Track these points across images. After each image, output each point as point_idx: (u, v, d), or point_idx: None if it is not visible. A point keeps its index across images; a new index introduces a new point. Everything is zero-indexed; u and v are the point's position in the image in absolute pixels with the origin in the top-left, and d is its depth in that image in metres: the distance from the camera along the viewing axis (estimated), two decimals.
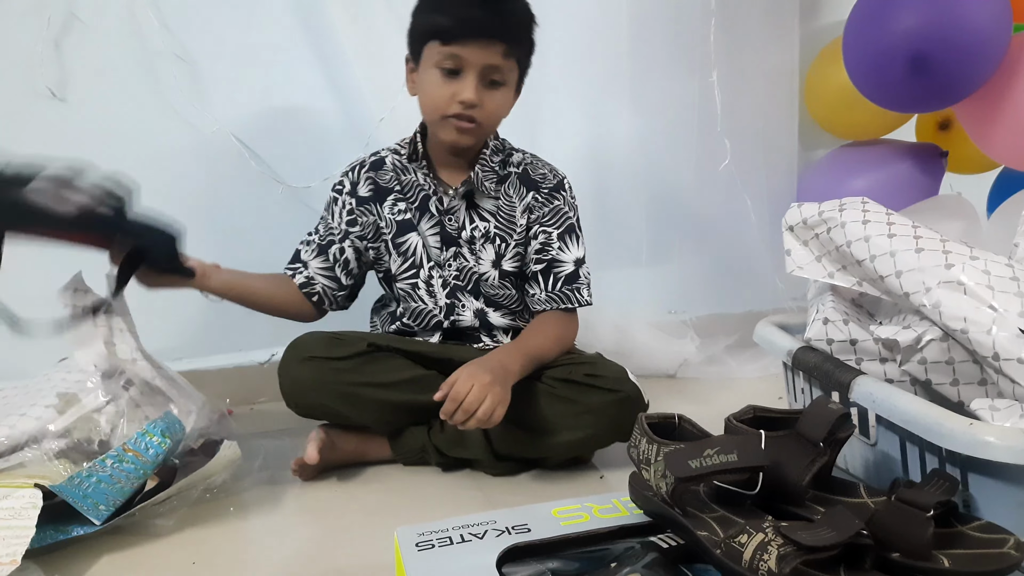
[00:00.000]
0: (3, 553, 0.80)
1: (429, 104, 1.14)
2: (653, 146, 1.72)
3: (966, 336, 0.76)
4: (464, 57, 1.08)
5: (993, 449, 0.66)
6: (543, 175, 1.23)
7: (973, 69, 1.25)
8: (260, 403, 1.54)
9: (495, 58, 1.09)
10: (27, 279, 1.47)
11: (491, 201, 1.20)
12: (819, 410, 0.75)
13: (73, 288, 1.09)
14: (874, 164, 1.60)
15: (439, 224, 1.19)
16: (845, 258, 0.90)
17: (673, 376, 1.62)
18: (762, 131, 1.74)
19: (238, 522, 1.01)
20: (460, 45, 1.07)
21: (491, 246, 1.20)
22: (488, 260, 1.20)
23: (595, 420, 1.07)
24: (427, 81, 1.12)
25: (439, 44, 1.08)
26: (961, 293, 0.78)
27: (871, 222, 0.88)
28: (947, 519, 0.69)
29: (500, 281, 1.21)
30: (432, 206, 1.19)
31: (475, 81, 1.09)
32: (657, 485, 0.76)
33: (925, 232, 0.85)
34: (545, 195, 1.21)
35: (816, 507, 0.75)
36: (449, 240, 1.20)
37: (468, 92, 1.08)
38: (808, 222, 0.94)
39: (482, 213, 1.20)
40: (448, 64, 1.09)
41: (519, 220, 1.20)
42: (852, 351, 0.88)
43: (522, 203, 1.20)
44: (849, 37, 1.38)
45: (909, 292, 0.81)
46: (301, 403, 1.13)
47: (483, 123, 1.13)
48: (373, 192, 1.21)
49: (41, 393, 1.11)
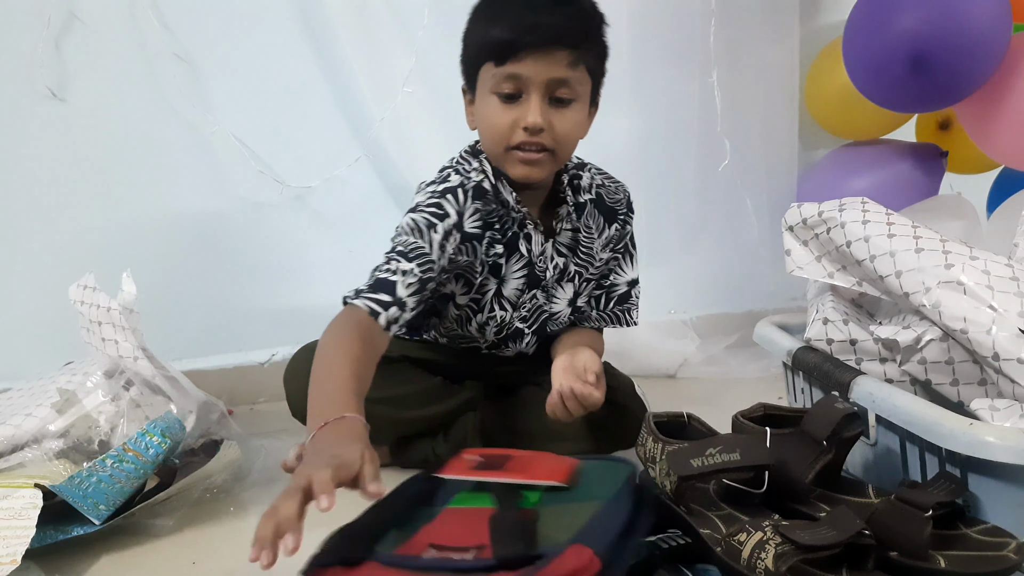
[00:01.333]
0: (3, 553, 0.80)
1: (489, 137, 0.98)
2: (653, 146, 1.72)
3: (966, 336, 0.76)
4: (523, 75, 0.92)
5: (993, 449, 0.66)
6: (618, 200, 1.11)
7: (973, 69, 1.25)
8: (260, 403, 1.54)
9: (559, 70, 0.92)
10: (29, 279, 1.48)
11: (569, 234, 1.08)
12: (824, 409, 0.75)
13: (83, 287, 1.09)
14: (874, 164, 1.60)
15: (528, 266, 1.05)
16: (845, 258, 0.90)
17: (673, 376, 1.62)
18: (762, 131, 1.74)
19: (238, 522, 1.00)
20: (516, 62, 0.91)
21: (570, 285, 1.09)
22: (564, 300, 1.09)
23: (596, 431, 1.06)
24: (484, 111, 0.96)
25: (493, 66, 0.93)
26: (961, 293, 0.78)
27: (871, 222, 0.88)
28: (952, 521, 0.69)
29: (568, 317, 1.12)
30: (522, 246, 1.04)
31: (539, 102, 0.93)
32: (662, 483, 0.76)
33: (925, 232, 0.85)
34: (621, 222, 1.12)
35: (822, 506, 0.75)
36: (534, 282, 1.06)
37: (532, 115, 0.92)
38: (808, 222, 0.94)
39: (559, 248, 1.07)
40: (506, 88, 0.93)
41: (598, 255, 1.09)
42: (852, 351, 0.88)
43: (602, 237, 1.10)
44: (849, 37, 1.38)
45: (909, 292, 0.81)
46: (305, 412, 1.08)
47: (555, 150, 0.96)
48: (479, 229, 1.00)
49: (46, 394, 1.11)
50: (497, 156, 0.99)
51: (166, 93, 1.50)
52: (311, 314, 1.21)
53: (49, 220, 1.49)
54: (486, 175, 1.01)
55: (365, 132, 1.55)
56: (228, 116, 1.53)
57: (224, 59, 1.52)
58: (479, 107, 0.98)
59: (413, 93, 1.50)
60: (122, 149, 1.50)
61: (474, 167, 1.02)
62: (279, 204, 1.57)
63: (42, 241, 1.49)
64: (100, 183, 1.50)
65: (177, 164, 1.53)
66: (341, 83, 1.57)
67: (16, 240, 1.48)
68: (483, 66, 0.95)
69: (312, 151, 1.58)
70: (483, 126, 0.99)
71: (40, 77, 1.43)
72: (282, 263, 1.59)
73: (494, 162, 1.01)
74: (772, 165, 1.76)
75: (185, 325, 1.55)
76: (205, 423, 1.14)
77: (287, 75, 1.55)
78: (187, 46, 1.50)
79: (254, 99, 1.55)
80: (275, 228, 1.59)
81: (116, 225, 1.51)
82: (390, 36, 1.52)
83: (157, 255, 1.53)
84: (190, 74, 1.51)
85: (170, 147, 1.52)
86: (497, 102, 0.94)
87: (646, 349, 1.61)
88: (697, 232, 1.78)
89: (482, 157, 1.03)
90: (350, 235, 1.63)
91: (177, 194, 1.54)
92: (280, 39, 1.54)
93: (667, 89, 1.70)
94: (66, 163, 1.48)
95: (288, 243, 1.60)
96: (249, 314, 1.59)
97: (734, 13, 1.65)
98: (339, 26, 1.52)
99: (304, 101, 1.57)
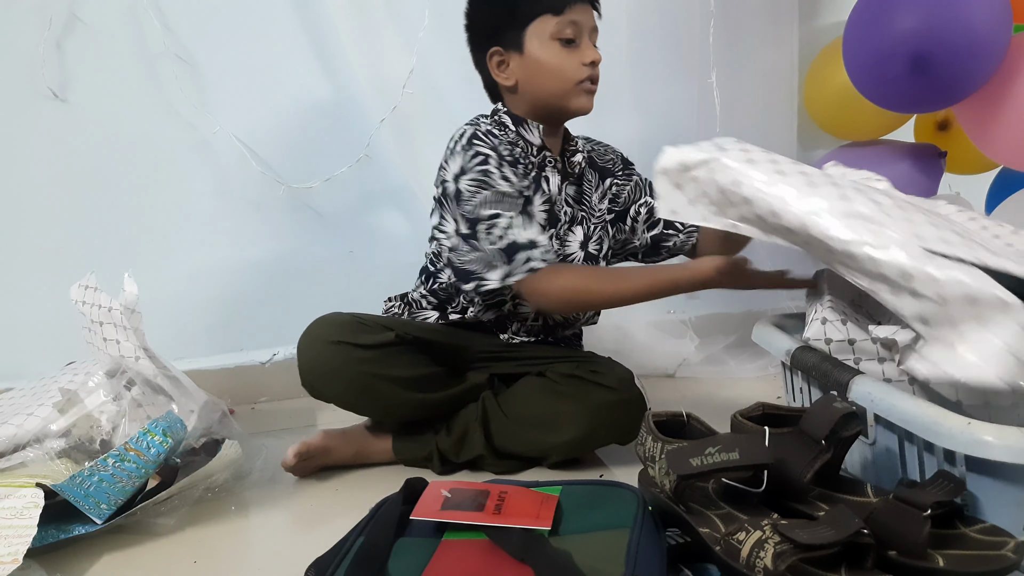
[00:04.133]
0: (5, 552, 0.80)
1: (555, 77, 1.12)
2: (653, 146, 1.72)
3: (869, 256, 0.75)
4: (579, 21, 1.11)
5: (991, 448, 0.66)
6: (610, 159, 1.28)
7: (973, 69, 1.25)
8: (261, 402, 1.54)
9: (594, 19, 1.14)
10: (29, 279, 1.48)
11: (575, 187, 1.22)
12: (823, 408, 0.75)
13: (84, 287, 1.09)
14: (873, 164, 1.60)
15: (549, 203, 1.17)
16: (728, 197, 0.87)
17: (672, 376, 1.62)
18: (761, 132, 1.74)
19: (239, 521, 1.01)
20: (571, 11, 1.10)
21: (580, 228, 1.20)
22: (576, 242, 1.19)
23: (595, 418, 1.08)
24: (547, 56, 1.11)
25: (552, 16, 1.10)
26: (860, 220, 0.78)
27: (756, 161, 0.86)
28: (950, 520, 0.69)
29: (583, 263, 1.20)
30: (543, 184, 1.17)
31: (589, 43, 1.13)
32: (661, 482, 0.76)
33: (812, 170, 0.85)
34: (622, 177, 1.26)
35: (820, 505, 0.75)
36: (553, 220, 1.17)
37: (594, 53, 1.12)
38: (686, 163, 0.90)
39: (568, 199, 1.20)
40: (568, 32, 1.10)
41: (598, 205, 1.24)
42: (850, 351, 0.88)
43: (598, 190, 1.24)
44: (849, 37, 1.38)
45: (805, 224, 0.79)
46: (317, 386, 1.10)
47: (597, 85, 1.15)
48: (512, 159, 1.13)
49: (48, 394, 1.12)
50: (565, 93, 1.12)
51: (167, 93, 1.50)
52: (312, 314, 1.21)
53: (50, 220, 1.49)
54: (505, 124, 1.15)
55: (366, 132, 1.55)
56: (229, 116, 1.53)
57: (225, 60, 1.52)
58: (534, 56, 1.11)
59: (413, 93, 1.51)
60: (123, 149, 1.50)
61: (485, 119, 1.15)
62: (280, 204, 1.58)
63: (43, 241, 1.49)
64: (101, 183, 1.50)
65: (178, 164, 1.53)
66: (342, 84, 1.57)
67: (17, 240, 1.48)
68: (537, 19, 1.10)
69: (313, 151, 1.58)
70: (546, 70, 1.11)
71: (42, 77, 1.44)
72: (282, 263, 1.59)
73: (555, 102, 1.13)
74: None
75: (186, 325, 1.56)
76: (207, 422, 1.15)
77: (288, 76, 1.56)
78: (188, 47, 1.51)
79: (255, 100, 1.55)
80: (276, 228, 1.60)
81: (117, 225, 1.52)
82: (390, 36, 1.52)
83: (157, 255, 1.54)
84: (191, 74, 1.52)
85: (171, 147, 1.52)
86: (558, 47, 1.10)
87: (645, 349, 1.61)
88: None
89: (500, 112, 1.17)
90: (350, 235, 1.63)
91: (178, 194, 1.54)
92: (281, 40, 1.54)
93: (667, 89, 1.70)
94: (67, 163, 1.48)
95: (288, 243, 1.60)
96: (250, 314, 1.59)
97: (733, 14, 1.65)
98: (340, 26, 1.52)
99: (305, 102, 1.58)
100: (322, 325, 1.10)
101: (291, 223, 1.59)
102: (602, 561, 0.61)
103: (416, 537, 0.69)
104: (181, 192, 1.54)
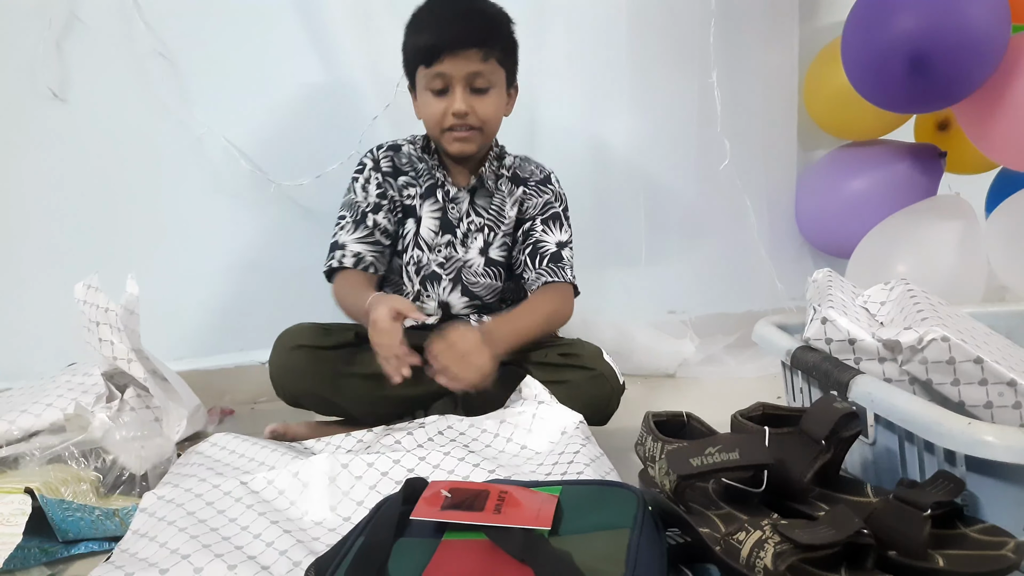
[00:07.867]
0: None
1: (429, 123, 1.21)
2: (653, 146, 1.72)
3: None
4: (447, 73, 1.14)
5: (992, 448, 0.66)
6: (531, 171, 1.31)
7: (972, 69, 1.26)
8: (261, 402, 1.54)
9: (474, 65, 1.14)
10: (29, 279, 1.48)
11: (486, 199, 1.27)
12: (823, 408, 0.75)
13: (87, 287, 1.09)
14: (873, 164, 1.61)
15: (442, 210, 1.25)
16: None
17: (672, 375, 1.62)
18: (761, 131, 1.75)
19: None
20: (440, 63, 1.14)
21: (480, 235, 1.26)
22: (476, 248, 1.25)
23: (568, 397, 1.09)
24: (423, 103, 1.20)
25: (424, 68, 1.16)
26: None
27: None
28: (951, 520, 0.69)
29: (484, 268, 1.25)
30: (438, 193, 1.25)
31: (462, 92, 1.15)
32: (661, 482, 0.76)
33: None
34: (534, 188, 1.29)
35: (821, 505, 0.75)
36: (447, 227, 1.25)
37: (457, 104, 1.16)
38: None
39: (478, 210, 1.27)
40: (437, 84, 1.16)
41: (508, 212, 1.27)
42: (851, 350, 0.88)
43: (512, 197, 1.28)
44: (848, 38, 1.38)
45: None
46: (289, 390, 1.15)
47: (481, 127, 1.19)
48: (392, 169, 1.27)
49: (45, 393, 1.11)
50: (437, 138, 1.22)
51: (166, 93, 1.50)
52: (311, 314, 1.21)
53: (50, 220, 1.49)
54: (413, 143, 1.28)
55: (358, 130, 1.55)
56: (227, 116, 1.53)
57: (224, 60, 1.52)
58: (420, 102, 1.22)
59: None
60: (123, 149, 1.50)
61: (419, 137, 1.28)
62: (278, 203, 1.57)
63: (44, 241, 1.49)
64: (101, 183, 1.50)
65: (178, 164, 1.53)
66: (335, 81, 1.57)
67: (18, 240, 1.48)
68: (418, 69, 1.18)
69: (309, 149, 1.58)
70: (424, 116, 1.22)
71: (41, 78, 1.43)
72: (282, 263, 1.59)
73: (437, 144, 1.25)
74: (771, 165, 1.76)
75: (186, 325, 1.56)
76: (197, 427, 1.17)
77: (281, 73, 1.55)
78: (189, 47, 1.51)
79: (252, 99, 1.55)
80: (275, 228, 1.59)
81: (117, 225, 1.52)
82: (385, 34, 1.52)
83: (157, 254, 1.54)
84: (192, 75, 1.52)
85: (171, 147, 1.52)
86: (431, 96, 1.18)
87: (646, 349, 1.61)
88: (697, 232, 1.78)
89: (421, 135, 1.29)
90: None
91: (178, 194, 1.54)
92: (278, 38, 1.54)
93: (667, 89, 1.70)
94: (67, 163, 1.48)
95: (281, 240, 1.60)
96: (249, 314, 1.59)
97: (734, 14, 1.66)
98: (334, 23, 1.52)
99: (298, 100, 1.57)
100: (287, 335, 1.16)
101: (290, 222, 1.60)
102: (602, 561, 0.61)
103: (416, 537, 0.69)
104: (181, 191, 1.54)
